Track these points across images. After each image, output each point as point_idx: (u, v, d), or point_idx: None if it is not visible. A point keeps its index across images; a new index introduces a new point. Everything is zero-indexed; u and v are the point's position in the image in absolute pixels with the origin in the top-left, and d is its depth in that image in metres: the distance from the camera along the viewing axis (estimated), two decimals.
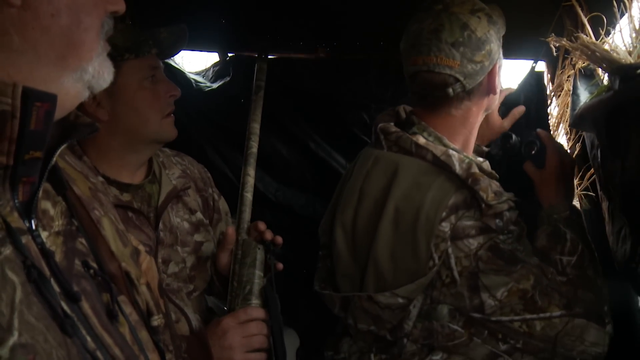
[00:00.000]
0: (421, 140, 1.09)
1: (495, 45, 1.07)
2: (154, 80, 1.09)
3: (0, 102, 0.45)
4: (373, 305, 1.08)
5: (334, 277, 1.19)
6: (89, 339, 0.49)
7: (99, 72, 0.56)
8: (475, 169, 1.04)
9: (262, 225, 1.13)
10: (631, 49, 1.09)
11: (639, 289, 1.15)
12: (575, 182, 1.33)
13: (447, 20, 1.04)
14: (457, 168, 1.03)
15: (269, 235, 1.12)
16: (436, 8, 1.07)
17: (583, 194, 1.35)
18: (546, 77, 1.59)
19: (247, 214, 1.16)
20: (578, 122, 1.12)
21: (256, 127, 1.25)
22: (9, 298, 0.42)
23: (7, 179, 0.48)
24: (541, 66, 1.61)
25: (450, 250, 1.02)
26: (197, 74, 1.82)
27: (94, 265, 0.57)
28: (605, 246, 1.12)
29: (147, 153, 1.14)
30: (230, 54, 1.74)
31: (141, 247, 0.72)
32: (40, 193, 0.52)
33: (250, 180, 1.19)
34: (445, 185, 1.04)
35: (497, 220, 1.03)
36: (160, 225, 1.11)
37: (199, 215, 1.21)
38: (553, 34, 1.20)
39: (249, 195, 1.17)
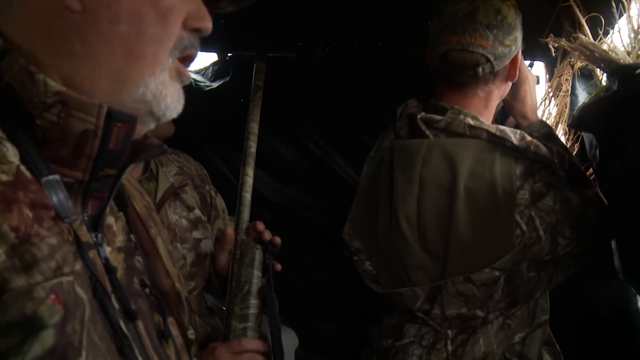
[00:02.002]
0: (470, 121, 1.12)
1: (519, 33, 1.14)
2: None
3: (85, 121, 0.45)
4: (469, 285, 1.09)
5: (405, 272, 1.16)
6: None
7: (161, 92, 0.51)
8: (529, 137, 1.09)
9: (260, 226, 1.12)
10: (630, 49, 1.09)
11: (639, 289, 1.15)
12: None
13: (482, 5, 1.11)
14: (514, 140, 1.07)
15: (267, 235, 1.11)
16: None
17: None
18: (544, 77, 1.59)
19: (245, 214, 1.15)
20: (577, 122, 1.12)
21: (255, 127, 1.25)
22: (80, 315, 0.41)
23: (79, 193, 0.49)
24: (539, 66, 1.61)
25: (533, 213, 1.05)
26: (197, 73, 1.81)
27: (149, 283, 0.57)
28: None
29: None
30: (229, 54, 1.74)
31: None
32: (107, 208, 0.52)
33: (249, 180, 1.18)
34: (505, 158, 1.08)
35: (559, 176, 1.09)
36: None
37: (197, 212, 1.21)
38: (552, 35, 1.20)
39: (247, 195, 1.16)
